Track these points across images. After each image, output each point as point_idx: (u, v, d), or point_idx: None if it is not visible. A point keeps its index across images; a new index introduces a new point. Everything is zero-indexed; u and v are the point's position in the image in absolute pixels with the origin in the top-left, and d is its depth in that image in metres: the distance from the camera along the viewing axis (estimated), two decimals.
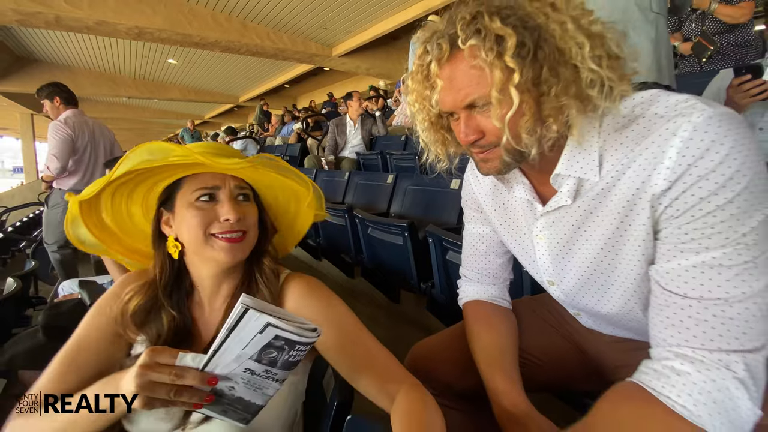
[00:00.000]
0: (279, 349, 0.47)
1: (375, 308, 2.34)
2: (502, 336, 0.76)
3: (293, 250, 3.34)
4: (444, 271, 1.50)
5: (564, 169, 0.57)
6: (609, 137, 0.54)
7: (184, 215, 0.64)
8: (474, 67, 0.51)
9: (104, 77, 12.17)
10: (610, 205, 0.55)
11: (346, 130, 4.01)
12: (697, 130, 0.46)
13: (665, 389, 0.46)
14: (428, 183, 2.13)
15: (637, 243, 0.54)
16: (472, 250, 0.85)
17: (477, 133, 0.55)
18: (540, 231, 0.66)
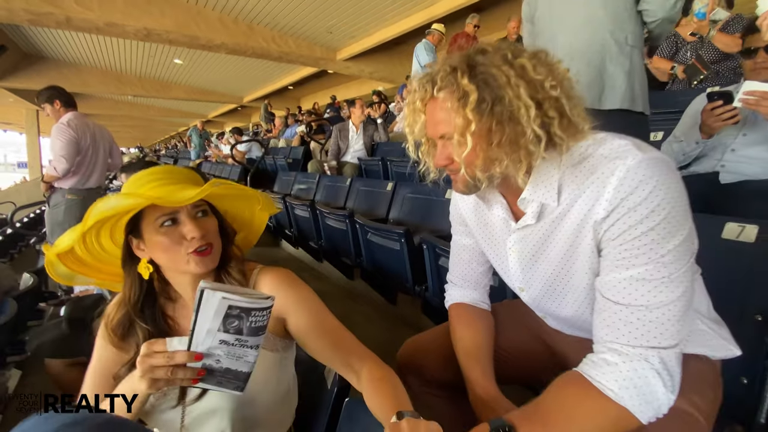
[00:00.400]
0: (238, 317, 0.57)
1: (373, 309, 2.45)
2: (479, 334, 0.88)
3: (296, 251, 3.47)
4: (437, 275, 1.62)
5: (529, 194, 0.68)
6: (566, 171, 0.66)
7: (153, 240, 0.71)
8: (444, 110, 0.64)
9: (111, 75, 12.31)
10: (565, 227, 0.67)
11: (348, 135, 4.14)
12: (629, 172, 0.58)
13: (598, 376, 0.58)
14: (425, 192, 2.25)
15: (585, 259, 0.66)
16: (457, 258, 0.97)
17: (446, 160, 0.68)
18: (512, 245, 0.77)
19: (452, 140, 0.65)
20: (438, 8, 6.83)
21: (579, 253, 0.66)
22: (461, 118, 0.62)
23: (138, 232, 0.72)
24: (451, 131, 0.64)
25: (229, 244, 0.81)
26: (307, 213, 2.62)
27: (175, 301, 0.80)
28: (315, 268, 3.18)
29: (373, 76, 10.38)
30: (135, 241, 0.73)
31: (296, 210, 2.80)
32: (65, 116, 2.82)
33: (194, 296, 0.78)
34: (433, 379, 0.93)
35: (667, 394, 0.56)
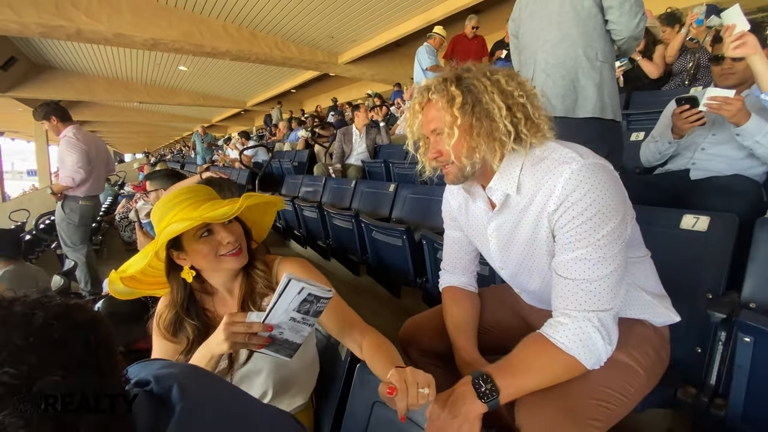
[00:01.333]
0: (310, 302, 0.75)
1: (378, 303, 2.63)
2: (466, 311, 1.05)
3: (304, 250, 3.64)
4: (435, 267, 1.79)
5: (494, 184, 0.86)
6: (527, 168, 0.82)
7: (194, 250, 0.86)
8: (437, 110, 0.83)
9: (117, 83, 12.55)
10: (528, 217, 0.84)
11: (352, 138, 4.31)
12: (573, 174, 0.75)
13: (553, 334, 0.75)
14: (424, 192, 2.42)
15: (543, 242, 0.83)
16: (448, 249, 1.15)
17: (437, 153, 0.85)
18: (491, 232, 0.94)
19: (442, 135, 0.82)
20: (436, 12, 7.00)
21: (539, 238, 0.83)
22: (449, 116, 0.80)
23: (179, 245, 0.87)
24: (441, 126, 0.82)
25: (251, 241, 0.98)
26: (315, 214, 2.80)
27: (213, 295, 0.98)
28: (322, 266, 3.35)
29: (374, 78, 10.55)
30: (176, 253, 0.89)
31: (305, 211, 2.98)
32: (68, 130, 2.99)
33: (234, 287, 1.00)
34: (428, 349, 1.11)
35: (605, 346, 0.73)
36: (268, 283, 0.95)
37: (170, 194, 0.90)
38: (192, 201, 0.88)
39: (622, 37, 1.48)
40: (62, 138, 2.99)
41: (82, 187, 3.09)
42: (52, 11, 6.40)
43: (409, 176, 3.33)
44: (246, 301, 0.94)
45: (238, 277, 0.97)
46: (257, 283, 0.95)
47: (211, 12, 7.45)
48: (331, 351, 1.13)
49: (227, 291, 0.97)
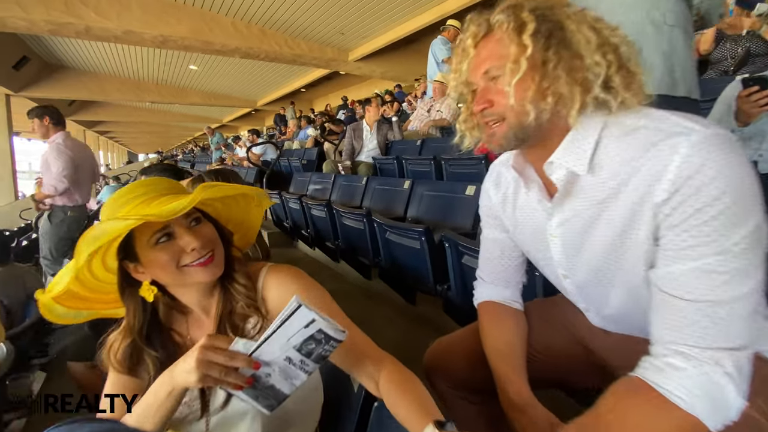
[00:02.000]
0: (318, 342, 0.56)
1: (391, 309, 2.41)
2: (511, 333, 0.83)
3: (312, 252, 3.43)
4: (460, 274, 1.56)
5: (557, 157, 0.64)
6: (612, 141, 0.60)
7: (151, 260, 0.66)
8: (498, 41, 0.63)
9: (129, 83, 12.61)
10: (617, 208, 0.60)
11: (362, 134, 4.11)
12: (693, 149, 0.52)
13: (664, 382, 0.52)
14: (445, 189, 2.20)
15: (639, 246, 0.59)
16: (487, 254, 0.92)
17: (486, 102, 0.64)
18: (555, 229, 0.72)
19: (500, 76, 0.63)
20: (449, 5, 6.77)
21: (632, 239, 0.60)
22: (516, 46, 0.60)
23: (133, 255, 0.67)
24: (501, 63, 0.62)
25: (229, 246, 0.78)
26: (324, 213, 2.60)
27: (186, 314, 0.78)
28: (332, 268, 3.15)
29: (384, 76, 10.36)
30: (131, 265, 0.68)
31: (313, 210, 2.78)
32: (58, 135, 2.90)
33: (210, 306, 0.77)
34: (461, 381, 0.89)
35: (739, 399, 0.50)
36: (250, 301, 0.74)
37: (122, 189, 0.69)
38: (147, 196, 0.68)
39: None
40: (50, 143, 2.91)
41: (71, 195, 3.01)
42: (61, 8, 6.36)
43: (424, 173, 3.11)
44: (223, 323, 0.74)
45: (214, 292, 0.76)
46: (237, 301, 0.74)
47: (221, 8, 7.35)
48: (340, 378, 0.91)
49: (203, 310, 0.77)
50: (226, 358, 0.56)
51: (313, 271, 3.53)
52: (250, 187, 0.81)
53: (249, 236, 0.91)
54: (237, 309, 0.75)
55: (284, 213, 3.46)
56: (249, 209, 0.86)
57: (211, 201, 0.77)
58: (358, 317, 0.80)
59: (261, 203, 0.85)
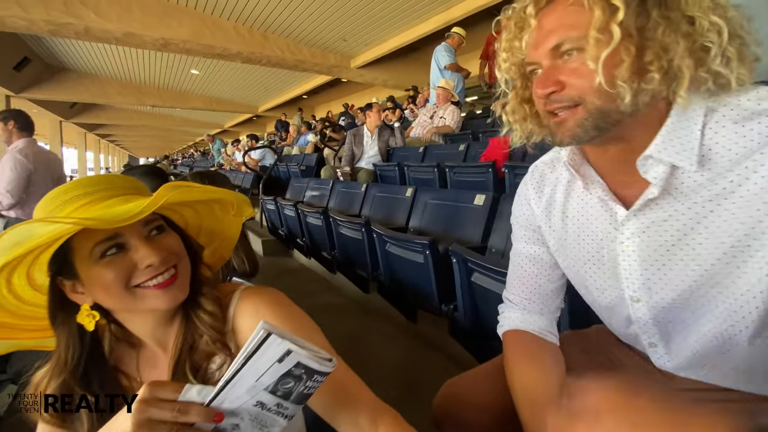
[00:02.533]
0: (297, 378, 0.42)
1: (390, 326, 2.23)
2: (548, 375, 0.65)
3: (308, 261, 3.22)
4: (469, 294, 1.39)
5: (657, 150, 0.49)
6: (723, 128, 0.48)
7: (93, 277, 0.51)
8: (571, 6, 0.49)
9: (131, 87, 12.59)
10: (733, 208, 0.47)
11: (363, 140, 3.96)
12: None
13: None
14: (450, 197, 2.03)
15: None
16: (520, 271, 0.75)
17: (556, 84, 0.50)
18: (628, 238, 0.56)
19: (574, 51, 0.49)
20: (455, 11, 6.70)
21: (762, 243, 0.46)
22: (600, 9, 0.46)
23: (69, 270, 0.52)
24: (580, 33, 0.48)
25: (197, 264, 0.62)
26: (320, 221, 2.43)
27: (137, 348, 0.61)
28: (328, 280, 2.98)
29: (387, 83, 10.29)
30: (68, 283, 0.53)
31: (308, 218, 2.62)
32: (20, 142, 2.68)
33: (168, 339, 0.59)
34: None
35: None
36: (217, 335, 0.57)
37: (65, 185, 0.53)
38: (96, 196, 0.52)
39: None
40: (11, 149, 2.66)
41: (22, 208, 2.71)
42: (60, 8, 6.29)
43: (427, 181, 2.95)
44: (182, 362, 0.57)
45: (174, 321, 0.59)
46: (200, 333, 0.58)
47: (222, 12, 7.29)
48: None
49: (158, 344, 0.60)
50: (176, 412, 0.41)
51: (308, 282, 3.36)
52: (228, 191, 0.64)
53: (223, 251, 0.75)
54: (200, 344, 0.58)
55: (279, 220, 3.29)
56: (226, 218, 0.70)
57: (180, 206, 0.61)
58: (354, 334, 0.64)
59: (241, 212, 0.69)
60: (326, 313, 2.45)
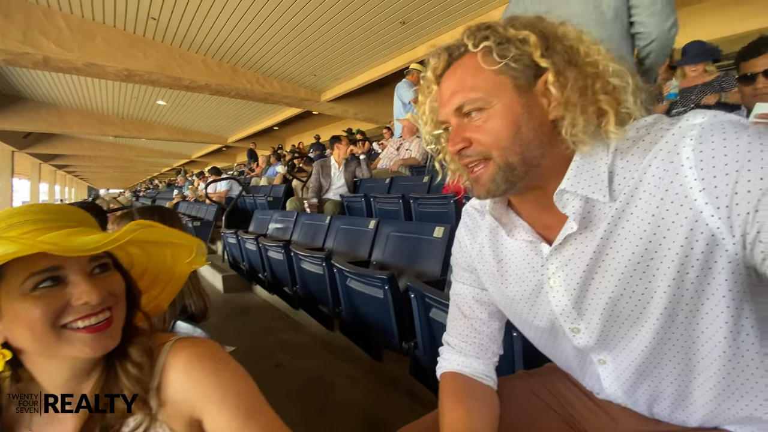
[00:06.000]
0: None
1: (355, 366, 2.13)
2: (475, 417, 0.64)
3: (270, 297, 3.09)
4: (428, 330, 1.36)
5: (570, 184, 0.51)
6: (617, 158, 0.51)
7: (16, 311, 0.46)
8: (469, 67, 0.53)
9: (92, 116, 12.17)
10: (629, 226, 0.49)
11: (330, 171, 3.97)
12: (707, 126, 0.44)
13: None
14: (412, 230, 2.03)
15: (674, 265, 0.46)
16: (457, 313, 0.76)
17: (464, 141, 0.54)
18: (553, 273, 0.57)
19: (476, 111, 0.52)
20: (419, 51, 7.02)
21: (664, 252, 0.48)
22: (495, 72, 0.51)
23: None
24: (478, 95, 0.52)
25: (134, 310, 0.57)
26: (281, 255, 2.35)
27: (38, 403, 0.52)
28: (291, 317, 2.85)
29: (357, 117, 10.50)
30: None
31: (270, 252, 2.53)
32: None
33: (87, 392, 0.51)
34: None
35: None
36: (141, 392, 0.52)
37: (11, 209, 0.49)
38: (46, 224, 0.48)
39: (650, 40, 1.26)
40: None
41: None
42: (19, 38, 6.07)
43: (392, 212, 2.95)
44: (93, 423, 0.50)
45: (93, 372, 0.53)
46: (121, 389, 0.52)
47: (191, 46, 7.29)
48: None
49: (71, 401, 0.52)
50: None
51: (271, 319, 3.20)
52: (193, 238, 0.62)
53: (162, 300, 0.69)
54: (117, 404, 0.51)
55: (241, 254, 3.17)
56: (177, 265, 0.66)
57: (132, 244, 0.57)
58: (316, 375, 0.59)
59: (194, 260, 0.65)
60: (288, 352, 2.32)
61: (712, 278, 0.46)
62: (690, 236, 0.45)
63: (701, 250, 0.45)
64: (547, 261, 0.57)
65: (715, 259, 0.44)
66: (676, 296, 0.48)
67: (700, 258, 0.45)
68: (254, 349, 2.39)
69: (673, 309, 0.48)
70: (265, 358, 2.24)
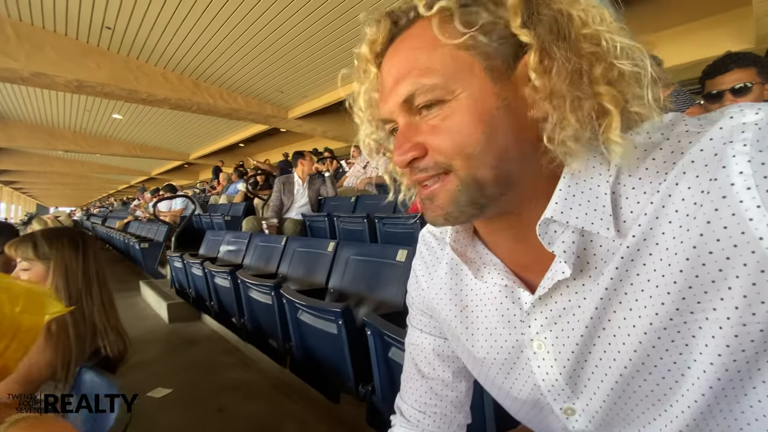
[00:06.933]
0: None
1: (309, 408, 1.88)
2: None
3: (220, 327, 2.77)
4: (387, 372, 1.16)
5: (558, 211, 0.36)
6: (623, 176, 0.35)
7: None
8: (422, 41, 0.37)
9: (41, 130, 11.39)
10: (651, 274, 0.33)
11: (293, 189, 3.74)
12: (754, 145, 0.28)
13: None
14: (374, 253, 1.84)
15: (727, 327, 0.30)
16: (413, 371, 0.58)
17: (415, 148, 0.38)
18: (537, 332, 0.41)
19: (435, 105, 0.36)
20: None
21: (703, 319, 0.32)
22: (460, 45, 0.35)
23: None
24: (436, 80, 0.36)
25: None
26: (228, 282, 2.09)
27: None
28: (241, 350, 2.55)
29: (326, 134, 10.36)
30: None
31: (216, 278, 2.26)
32: None
33: None
34: None
35: None
36: None
37: None
38: None
39: None
40: None
41: None
42: None
43: (357, 233, 2.76)
44: None
45: None
46: None
47: (149, 58, 6.96)
48: None
49: None
50: None
51: (219, 353, 2.86)
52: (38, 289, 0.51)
53: (8, 358, 0.53)
54: None
55: (187, 280, 2.85)
56: (17, 314, 0.52)
57: None
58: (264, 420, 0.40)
59: (34, 309, 0.52)
60: (235, 393, 2.03)
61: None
62: (751, 294, 0.29)
63: None
64: (529, 315, 0.41)
65: None
66: (722, 380, 0.32)
67: (766, 327, 0.29)
68: (196, 389, 2.09)
69: (720, 392, 0.32)
70: (207, 400, 1.95)
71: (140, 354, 2.56)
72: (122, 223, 7.01)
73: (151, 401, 1.96)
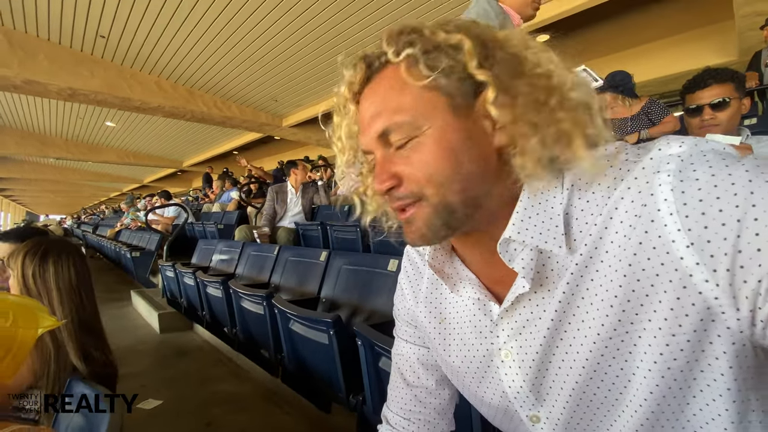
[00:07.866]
0: None
1: (301, 420, 1.88)
2: None
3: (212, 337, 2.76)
4: (377, 383, 1.17)
5: (516, 231, 0.40)
6: (575, 197, 0.39)
7: None
8: (394, 82, 0.41)
9: (32, 137, 11.29)
10: (596, 288, 0.37)
11: (286, 198, 3.75)
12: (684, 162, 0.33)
13: None
14: (366, 262, 1.85)
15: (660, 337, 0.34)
16: (399, 380, 0.62)
17: (392, 178, 0.42)
18: (505, 342, 0.45)
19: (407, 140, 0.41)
20: None
21: (642, 327, 0.36)
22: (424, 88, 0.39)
23: None
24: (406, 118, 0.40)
25: None
26: (220, 292, 2.09)
27: None
28: (233, 361, 2.54)
29: (320, 143, 10.40)
30: None
31: (208, 288, 2.25)
32: None
33: None
34: None
35: None
36: None
37: None
38: None
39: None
40: None
41: None
42: None
43: (350, 242, 2.78)
44: None
45: None
46: None
47: (143, 66, 6.97)
48: None
49: None
50: None
51: (211, 364, 2.84)
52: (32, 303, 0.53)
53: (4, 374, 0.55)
54: None
55: (179, 289, 2.84)
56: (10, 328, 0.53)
57: None
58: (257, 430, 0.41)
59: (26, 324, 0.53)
60: (225, 405, 2.02)
61: (707, 364, 0.33)
62: (677, 307, 0.33)
63: (693, 326, 0.32)
64: (497, 326, 0.45)
65: (711, 339, 0.32)
66: (661, 386, 0.36)
67: (692, 337, 0.33)
68: (185, 402, 2.07)
69: (662, 398, 0.36)
70: (196, 413, 1.93)
71: (131, 365, 2.53)
72: (113, 231, 6.94)
73: (140, 413, 1.94)
